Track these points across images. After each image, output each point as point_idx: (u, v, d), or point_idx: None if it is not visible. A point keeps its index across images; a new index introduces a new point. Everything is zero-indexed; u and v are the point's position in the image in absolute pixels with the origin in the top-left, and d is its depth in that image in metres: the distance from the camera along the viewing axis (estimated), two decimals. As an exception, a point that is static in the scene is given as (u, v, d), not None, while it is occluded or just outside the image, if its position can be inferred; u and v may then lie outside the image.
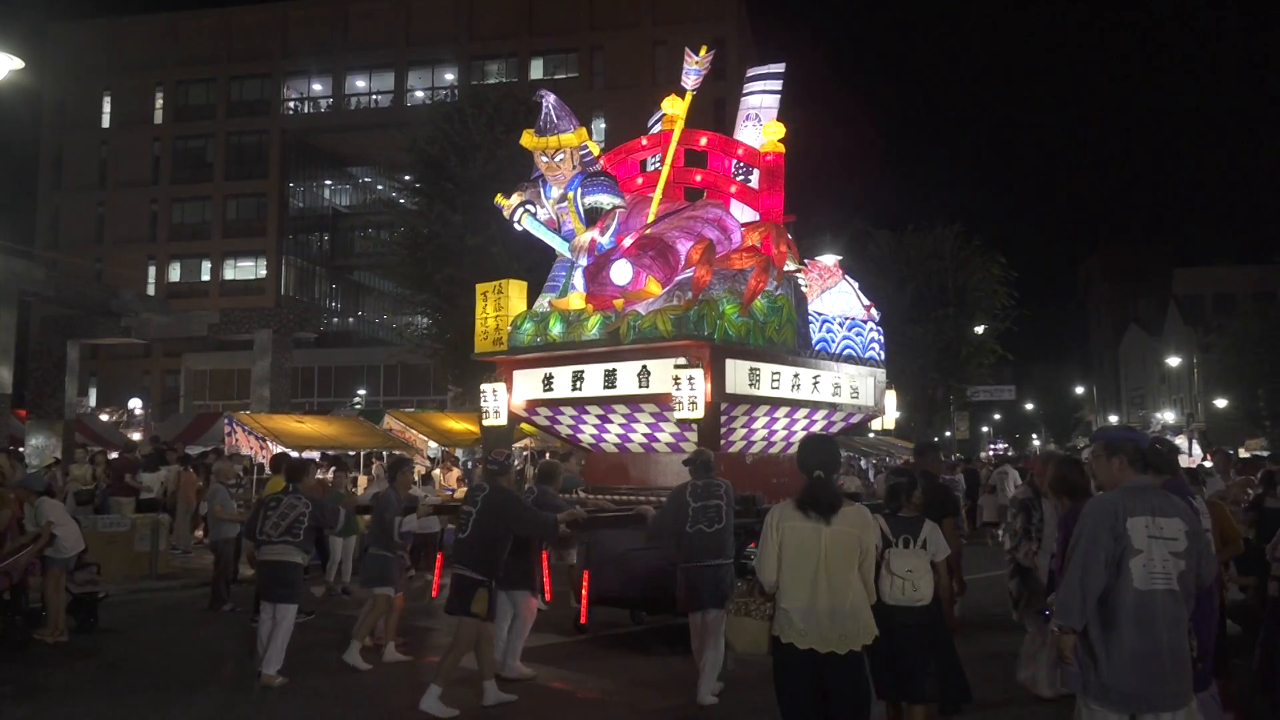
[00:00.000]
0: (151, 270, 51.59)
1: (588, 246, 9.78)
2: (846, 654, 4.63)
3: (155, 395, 48.43)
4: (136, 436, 30.24)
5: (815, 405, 10.54)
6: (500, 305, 10.89)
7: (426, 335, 19.33)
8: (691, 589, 7.17)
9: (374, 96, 51.58)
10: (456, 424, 22.20)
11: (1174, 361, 56.57)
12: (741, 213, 10.50)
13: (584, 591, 8.77)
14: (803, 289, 10.50)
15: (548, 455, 18.28)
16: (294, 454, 15.30)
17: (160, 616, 11.62)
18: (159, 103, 52.80)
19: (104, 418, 37.40)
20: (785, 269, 9.90)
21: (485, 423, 10.95)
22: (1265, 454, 26.95)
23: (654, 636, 9.78)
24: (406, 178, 19.29)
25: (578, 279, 9.94)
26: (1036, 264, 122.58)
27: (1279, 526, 7.08)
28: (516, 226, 10.21)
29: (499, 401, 10.50)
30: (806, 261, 10.95)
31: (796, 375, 10.15)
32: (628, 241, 9.69)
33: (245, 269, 52.13)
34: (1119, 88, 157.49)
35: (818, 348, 10.54)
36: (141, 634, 10.56)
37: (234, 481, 14.44)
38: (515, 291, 10.95)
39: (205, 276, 51.88)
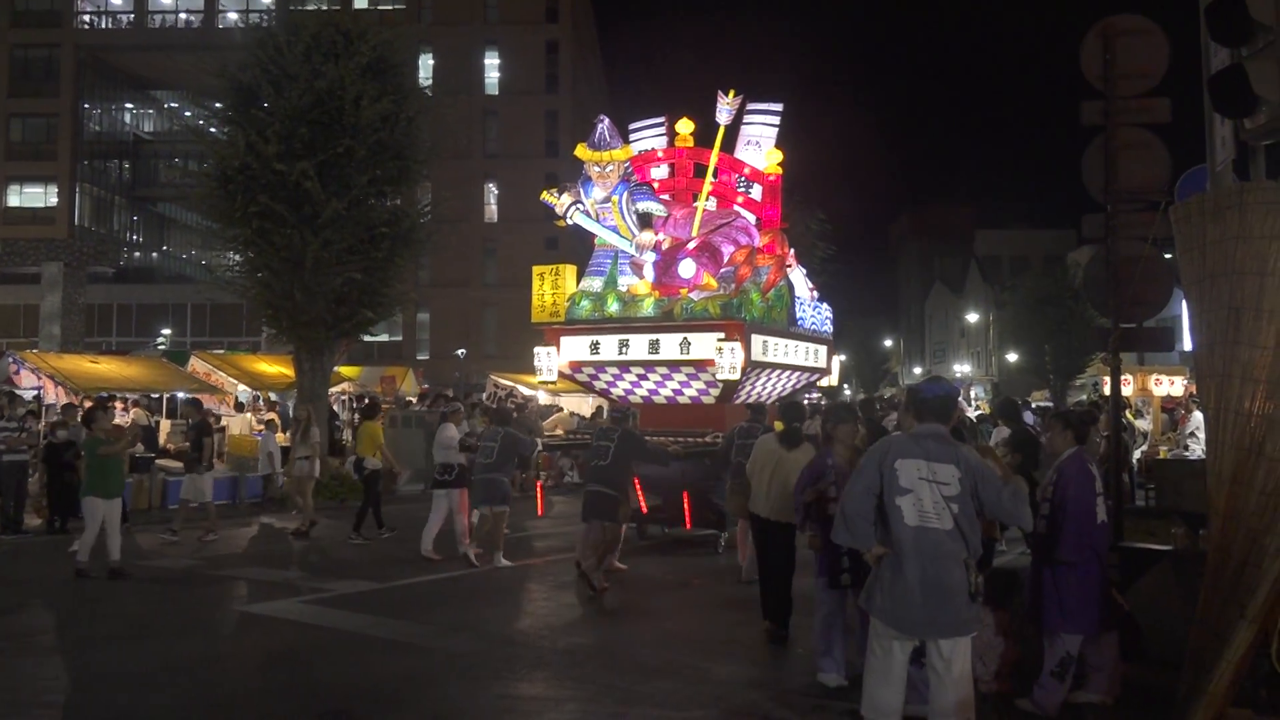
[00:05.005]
0: (-80, 193, 46.76)
1: (652, 245, 12.49)
2: (784, 523, 7.26)
3: (-73, 331, 44.16)
4: (-96, 375, 27.50)
5: (795, 368, 13.79)
6: (556, 285, 13.42)
7: (238, 273, 18.29)
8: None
9: (181, 15, 48.02)
10: (269, 367, 21.29)
11: (973, 317, 60.46)
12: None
13: (687, 508, 11.39)
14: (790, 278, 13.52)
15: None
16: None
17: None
18: (-72, 6, 47.50)
19: None
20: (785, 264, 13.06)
21: (537, 379, 13.58)
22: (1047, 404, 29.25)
23: (679, 543, 12.43)
24: (217, 105, 18.08)
25: (648, 270, 12.52)
26: (852, 221, 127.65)
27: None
28: (569, 221, 12.76)
29: (551, 362, 12.99)
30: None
31: (787, 345, 13.31)
32: (691, 245, 12.53)
33: (33, 196, 47.89)
34: (934, 58, 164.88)
35: (798, 324, 13.67)
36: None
37: (15, 426, 13.40)
38: (569, 274, 13.52)
39: (-15, 202, 47.41)
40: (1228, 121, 6.45)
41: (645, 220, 12.57)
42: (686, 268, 12.19)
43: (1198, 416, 14.77)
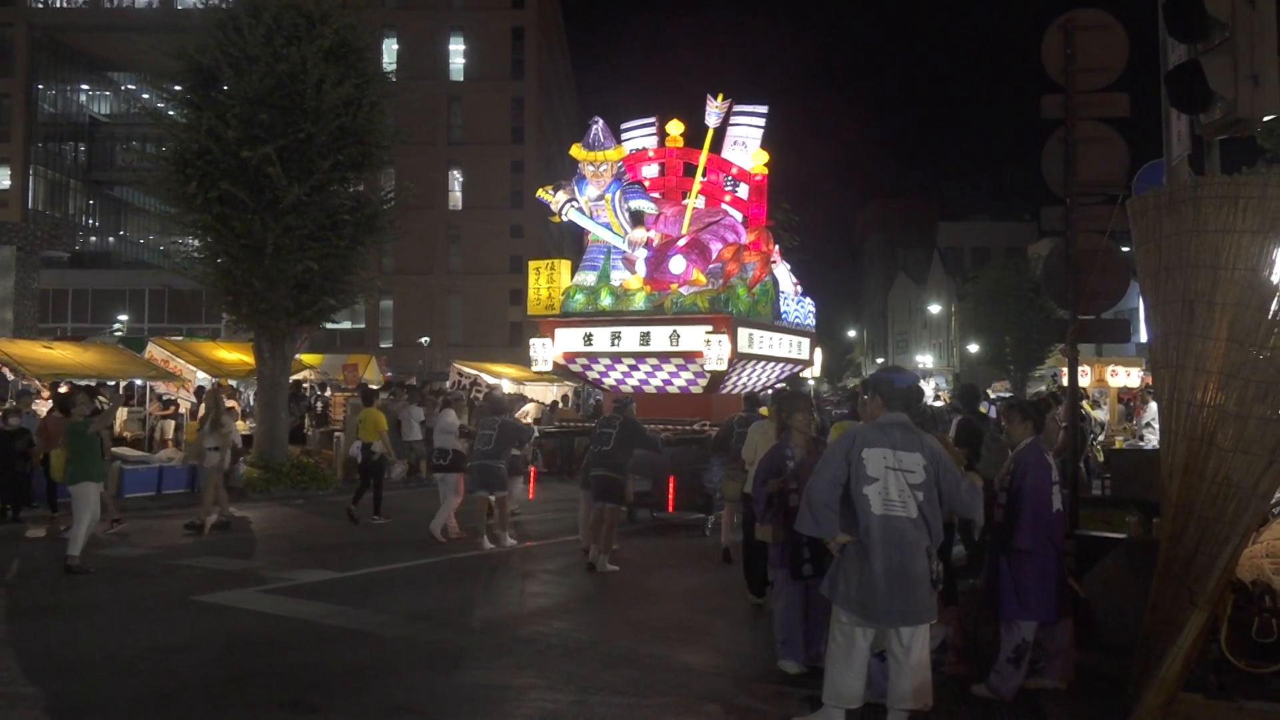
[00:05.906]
0: None
1: (644, 242, 13.17)
2: None
3: (-126, 315, 43.08)
4: None
5: (779, 360, 14.46)
6: (552, 279, 14.20)
7: (197, 259, 18.00)
8: None
9: (138, -5, 47.14)
10: (229, 354, 21.02)
11: (935, 309, 61.03)
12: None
13: (671, 490, 11.82)
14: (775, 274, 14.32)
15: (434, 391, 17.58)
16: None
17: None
18: (-126, -18, 46.23)
19: None
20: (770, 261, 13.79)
21: (534, 369, 14.32)
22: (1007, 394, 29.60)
23: (670, 526, 12.73)
24: (175, 87, 17.73)
25: (640, 266, 13.16)
26: (816, 212, 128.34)
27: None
28: (563, 217, 13.45)
29: (546, 352, 13.69)
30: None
31: (772, 338, 13.96)
32: (681, 242, 13.21)
33: (-16, 178, 46.91)
34: (899, 52, 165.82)
35: (783, 318, 14.30)
36: None
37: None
38: (564, 268, 14.39)
39: (-65, 184, 46.32)
40: (1184, 116, 6.54)
41: (637, 218, 13.23)
42: (677, 263, 12.92)
43: (1153, 407, 15.02)
